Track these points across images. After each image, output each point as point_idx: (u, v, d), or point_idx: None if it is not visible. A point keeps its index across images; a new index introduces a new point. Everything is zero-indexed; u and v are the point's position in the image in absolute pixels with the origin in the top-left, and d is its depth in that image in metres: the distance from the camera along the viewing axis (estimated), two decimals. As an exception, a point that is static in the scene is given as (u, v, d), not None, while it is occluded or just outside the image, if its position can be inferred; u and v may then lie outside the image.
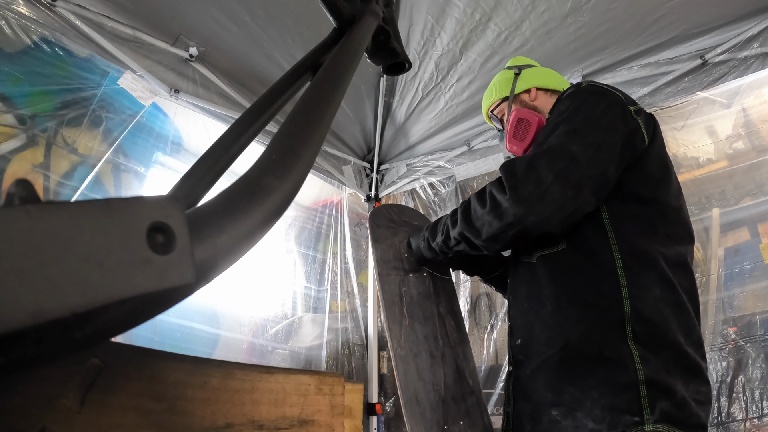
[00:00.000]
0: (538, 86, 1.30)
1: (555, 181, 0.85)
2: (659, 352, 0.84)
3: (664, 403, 0.80)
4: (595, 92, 1.00)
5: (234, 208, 0.28)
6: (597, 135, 0.91)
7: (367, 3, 0.67)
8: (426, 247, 1.11)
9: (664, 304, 0.87)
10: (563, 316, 0.91)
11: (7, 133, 1.68)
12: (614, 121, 0.93)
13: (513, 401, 0.97)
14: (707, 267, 2.31)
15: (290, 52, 2.12)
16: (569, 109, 0.97)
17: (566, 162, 0.86)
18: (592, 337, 0.87)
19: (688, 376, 0.85)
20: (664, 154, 1.02)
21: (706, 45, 1.98)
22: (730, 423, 2.05)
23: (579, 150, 0.88)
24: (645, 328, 0.85)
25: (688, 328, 0.88)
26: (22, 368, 0.24)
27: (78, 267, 0.18)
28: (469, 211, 0.94)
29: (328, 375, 0.58)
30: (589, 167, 0.87)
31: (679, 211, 0.98)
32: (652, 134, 0.99)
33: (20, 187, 0.20)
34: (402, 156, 2.99)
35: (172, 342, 2.05)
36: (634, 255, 0.89)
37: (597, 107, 0.95)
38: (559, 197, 0.85)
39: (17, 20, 1.64)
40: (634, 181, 0.94)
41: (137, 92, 1.91)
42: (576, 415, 0.85)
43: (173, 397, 0.39)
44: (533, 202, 0.85)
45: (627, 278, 0.87)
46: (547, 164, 0.86)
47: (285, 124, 0.39)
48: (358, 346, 2.92)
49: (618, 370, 0.83)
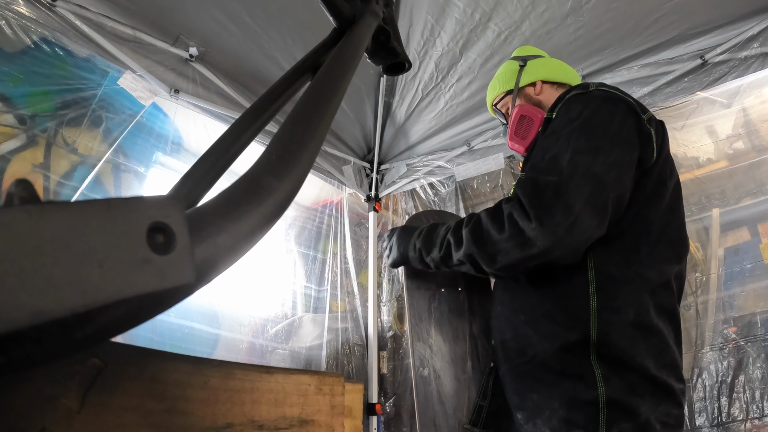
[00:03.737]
0: (544, 79, 1.24)
1: (584, 209, 0.79)
2: (624, 374, 0.82)
3: (624, 425, 0.79)
4: (609, 99, 0.92)
5: (234, 208, 0.28)
6: (618, 153, 0.85)
7: (367, 3, 0.67)
8: (417, 258, 1.00)
9: (635, 327, 0.84)
10: (533, 329, 0.90)
11: (7, 133, 1.68)
12: (631, 134, 0.88)
13: (490, 396, 0.98)
14: (707, 267, 2.31)
15: (290, 52, 2.12)
16: (583, 116, 0.89)
17: (592, 186, 0.80)
18: (558, 353, 0.86)
19: (658, 398, 0.82)
20: (666, 167, 0.95)
21: (706, 45, 1.98)
22: (730, 423, 2.05)
23: (603, 171, 0.81)
24: (610, 351, 0.83)
25: (658, 351, 0.85)
26: (22, 368, 0.24)
27: (78, 267, 0.18)
28: (482, 233, 0.84)
29: (328, 375, 0.58)
30: (613, 189, 0.82)
31: (665, 229, 0.92)
32: (661, 145, 0.93)
33: (20, 187, 0.20)
34: (402, 156, 2.99)
35: (172, 342, 2.05)
36: (610, 277, 0.86)
37: (614, 118, 0.88)
38: (588, 226, 0.80)
39: (17, 20, 1.64)
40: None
41: (137, 92, 1.91)
42: (536, 422, 0.85)
43: (173, 397, 0.39)
44: (562, 234, 0.77)
45: (598, 300, 0.85)
46: (576, 190, 0.79)
47: (285, 124, 0.39)
48: (358, 346, 2.92)
49: (580, 387, 0.82)
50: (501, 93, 1.31)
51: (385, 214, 3.36)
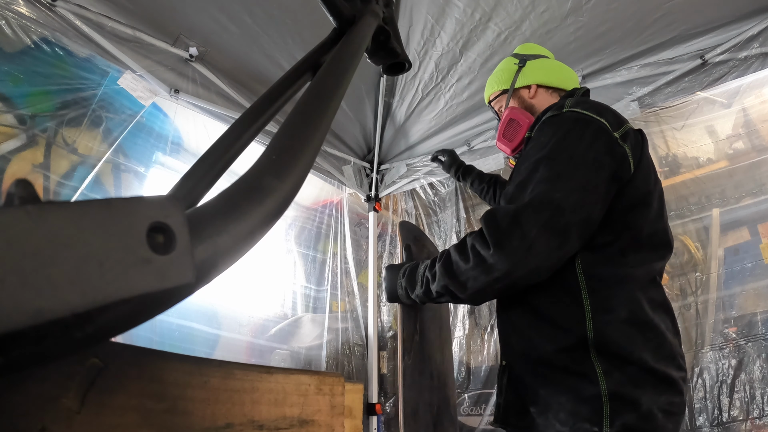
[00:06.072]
0: (540, 83, 1.24)
1: (540, 234, 0.84)
2: (624, 368, 0.87)
3: (627, 416, 0.84)
4: (580, 121, 0.94)
5: (234, 209, 0.28)
6: (581, 176, 0.88)
7: (367, 3, 0.67)
8: (405, 296, 1.06)
9: (630, 324, 0.89)
10: (535, 332, 0.96)
11: (7, 133, 1.68)
12: (600, 156, 0.90)
13: (504, 393, 1.02)
14: (707, 266, 2.31)
15: (290, 52, 2.12)
16: (551, 142, 0.93)
17: (550, 212, 0.85)
18: (560, 353, 0.91)
19: (659, 390, 0.87)
20: (649, 176, 0.98)
21: (706, 45, 1.98)
22: (730, 423, 2.05)
23: (562, 197, 0.86)
24: (609, 348, 0.88)
25: (656, 345, 0.89)
26: (22, 368, 0.24)
27: (78, 267, 0.18)
28: (452, 266, 0.91)
29: (328, 375, 0.58)
30: (574, 213, 0.86)
31: (652, 236, 0.96)
32: (639, 157, 0.96)
33: (20, 187, 0.20)
34: (402, 156, 2.99)
35: (172, 342, 2.05)
36: (600, 279, 0.91)
37: (581, 141, 0.91)
38: (544, 249, 0.85)
39: (17, 20, 1.64)
40: (606, 210, 0.93)
41: (137, 92, 1.91)
42: (547, 416, 0.91)
43: (173, 397, 0.39)
44: (520, 257, 0.84)
45: (591, 302, 0.89)
46: (531, 218, 0.85)
47: (285, 124, 0.39)
48: (358, 346, 2.92)
49: (583, 383, 0.87)
50: (497, 91, 1.33)
51: (385, 214, 3.36)
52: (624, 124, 0.96)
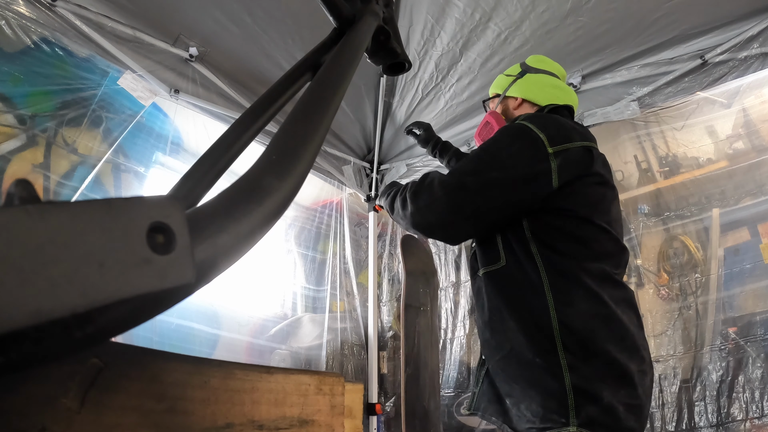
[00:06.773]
0: (526, 98, 1.33)
1: (443, 197, 1.01)
2: (589, 361, 0.93)
3: (590, 408, 0.90)
4: (516, 133, 1.06)
5: (234, 208, 0.28)
6: (493, 173, 1.01)
7: (367, 3, 0.67)
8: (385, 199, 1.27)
9: (592, 316, 0.96)
10: (506, 326, 1.03)
11: (7, 133, 1.68)
12: (518, 164, 1.01)
13: (480, 384, 1.10)
14: (707, 267, 2.31)
15: (290, 52, 2.12)
16: (488, 143, 1.07)
17: (458, 188, 1.01)
18: (529, 346, 0.98)
19: (619, 383, 0.93)
20: (600, 189, 1.07)
21: (706, 45, 1.98)
22: (730, 423, 2.05)
23: (472, 181, 1.01)
24: (573, 339, 0.94)
25: (618, 337, 0.96)
26: (22, 368, 0.24)
27: (78, 267, 0.18)
28: (393, 204, 1.14)
29: (328, 375, 0.58)
30: (477, 195, 1.01)
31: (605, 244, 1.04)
32: (577, 174, 1.03)
33: (20, 187, 0.20)
34: (402, 156, 2.99)
35: (172, 342, 2.05)
36: (560, 273, 0.99)
37: (509, 147, 1.04)
38: (441, 210, 1.02)
39: (17, 20, 1.64)
40: (553, 212, 1.03)
41: (137, 92, 1.91)
42: (520, 407, 0.98)
43: (173, 397, 0.39)
44: (423, 211, 1.04)
45: (554, 295, 0.97)
46: (442, 187, 1.02)
47: (285, 124, 0.39)
48: (358, 346, 2.92)
49: (549, 376, 0.94)
50: (492, 94, 1.46)
51: (385, 214, 3.36)
52: (569, 141, 1.04)
